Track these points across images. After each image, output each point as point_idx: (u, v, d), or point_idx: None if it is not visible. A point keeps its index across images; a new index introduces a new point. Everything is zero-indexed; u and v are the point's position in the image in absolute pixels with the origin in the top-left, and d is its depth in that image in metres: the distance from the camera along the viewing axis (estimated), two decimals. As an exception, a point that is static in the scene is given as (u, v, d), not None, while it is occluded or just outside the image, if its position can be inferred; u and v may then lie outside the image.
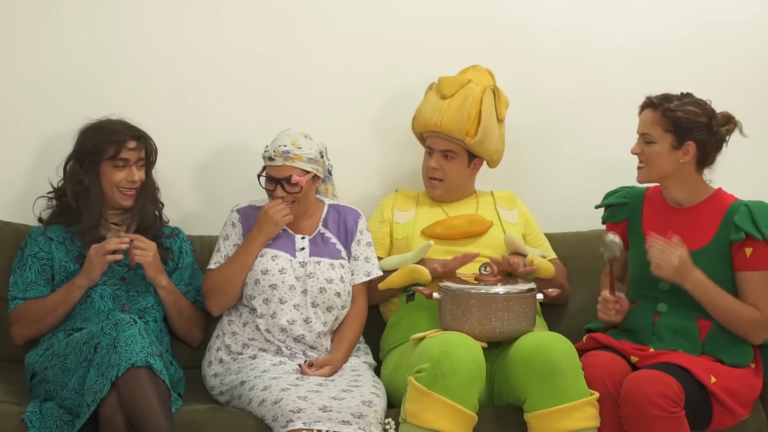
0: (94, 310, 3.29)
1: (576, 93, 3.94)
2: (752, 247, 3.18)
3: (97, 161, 3.33)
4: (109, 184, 3.34)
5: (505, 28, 3.91)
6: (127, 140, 3.33)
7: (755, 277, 3.20)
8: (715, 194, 3.31)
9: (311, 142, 3.38)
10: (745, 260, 3.20)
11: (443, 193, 3.61)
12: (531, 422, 3.07)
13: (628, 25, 3.97)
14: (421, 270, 3.37)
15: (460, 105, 3.53)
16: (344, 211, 3.52)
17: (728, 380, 3.15)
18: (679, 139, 3.23)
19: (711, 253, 3.23)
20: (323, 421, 2.96)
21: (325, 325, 3.37)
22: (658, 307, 3.29)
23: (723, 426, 3.19)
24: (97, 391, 2.94)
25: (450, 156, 3.57)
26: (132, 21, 3.72)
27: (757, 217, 3.18)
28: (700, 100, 3.28)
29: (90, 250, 3.26)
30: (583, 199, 3.60)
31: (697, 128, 3.23)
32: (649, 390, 3.01)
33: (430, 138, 3.60)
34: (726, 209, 3.24)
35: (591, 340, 3.30)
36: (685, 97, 3.27)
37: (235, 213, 3.46)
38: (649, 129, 3.26)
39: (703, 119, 3.24)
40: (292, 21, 3.82)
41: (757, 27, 4.01)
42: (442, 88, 3.58)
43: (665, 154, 3.25)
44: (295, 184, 3.34)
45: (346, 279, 3.41)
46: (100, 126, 3.37)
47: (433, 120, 3.54)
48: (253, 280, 3.35)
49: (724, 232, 3.22)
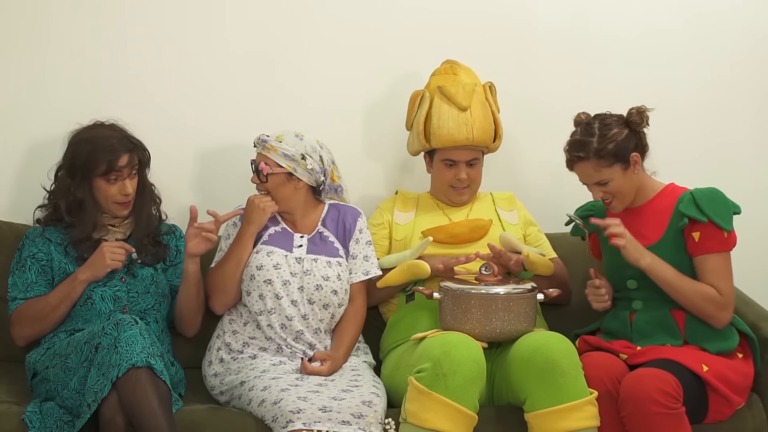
0: (94, 311, 3.29)
1: (575, 93, 3.93)
2: (700, 231, 3.22)
3: (90, 177, 3.30)
4: (104, 198, 3.33)
5: (505, 29, 3.91)
6: (120, 155, 3.29)
7: (708, 261, 3.24)
8: (666, 189, 3.35)
9: (300, 141, 3.38)
10: (695, 245, 3.23)
11: (469, 197, 3.63)
12: (531, 422, 3.07)
13: (627, 25, 3.97)
14: (420, 264, 3.37)
15: (483, 113, 3.53)
16: (344, 210, 3.53)
17: (720, 367, 3.18)
18: (624, 161, 3.27)
19: (666, 245, 3.26)
20: (323, 422, 2.96)
21: (321, 322, 3.38)
22: (633, 305, 3.33)
23: (721, 416, 3.21)
24: (98, 391, 2.94)
25: (474, 163, 3.57)
26: (129, 22, 3.72)
27: (700, 201, 3.21)
28: (605, 118, 3.29)
29: (103, 245, 3.26)
30: (583, 200, 3.59)
31: (628, 142, 3.26)
32: (648, 387, 3.02)
33: (453, 151, 3.54)
34: (676, 201, 3.28)
35: (583, 343, 3.33)
36: (593, 128, 3.27)
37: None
38: (597, 177, 3.28)
39: (625, 131, 3.27)
40: (292, 21, 3.82)
41: (757, 26, 4.01)
42: (457, 99, 3.53)
43: (623, 180, 3.28)
44: (261, 172, 3.36)
45: (343, 277, 3.42)
46: (91, 138, 3.32)
47: (464, 135, 3.50)
48: (248, 276, 3.36)
49: (674, 222, 3.26)
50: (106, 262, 3.26)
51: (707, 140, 4.00)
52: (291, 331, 3.33)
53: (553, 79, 3.94)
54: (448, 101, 3.54)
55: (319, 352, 3.31)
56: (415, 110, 3.61)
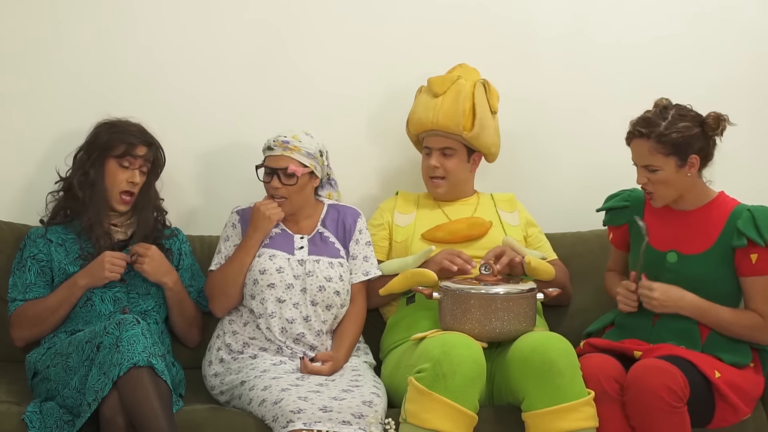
0: (95, 312, 3.30)
1: (576, 94, 3.94)
2: (757, 254, 3.18)
3: (105, 156, 3.34)
4: (111, 182, 3.34)
5: (506, 30, 3.91)
6: (139, 144, 3.36)
7: (760, 282, 3.21)
8: (718, 198, 3.30)
9: (312, 139, 3.40)
10: (750, 266, 3.20)
11: (446, 191, 3.61)
12: (529, 422, 3.06)
13: (627, 26, 3.97)
14: (425, 273, 3.36)
15: (454, 100, 3.54)
16: (344, 210, 3.53)
17: (732, 376, 3.16)
18: (682, 157, 3.21)
19: (713, 257, 3.23)
20: (323, 422, 2.96)
21: (324, 323, 3.38)
22: None
23: (725, 423, 3.19)
24: (99, 390, 2.94)
25: (449, 153, 3.57)
26: (137, 20, 3.73)
27: (759, 222, 3.18)
28: (684, 109, 3.24)
29: (105, 255, 3.27)
30: (583, 200, 3.60)
31: (694, 141, 3.20)
32: (655, 381, 3.01)
33: (427, 138, 3.60)
34: (729, 214, 3.23)
35: (588, 346, 3.30)
36: (667, 113, 3.22)
37: (235, 214, 3.47)
38: (649, 159, 3.22)
39: (696, 130, 3.20)
40: (293, 21, 3.82)
41: (757, 26, 4.01)
42: (433, 87, 3.59)
43: (673, 176, 3.22)
44: (291, 175, 3.35)
45: (345, 278, 3.42)
46: (116, 123, 3.39)
47: (429, 118, 3.55)
48: (251, 280, 3.36)
49: (726, 237, 3.22)
50: (105, 273, 3.26)
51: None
52: (291, 334, 3.33)
53: (553, 81, 3.94)
54: (428, 90, 3.61)
55: (321, 353, 3.31)
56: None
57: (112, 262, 3.27)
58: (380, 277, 3.49)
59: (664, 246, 3.28)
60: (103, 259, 3.27)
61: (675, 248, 3.26)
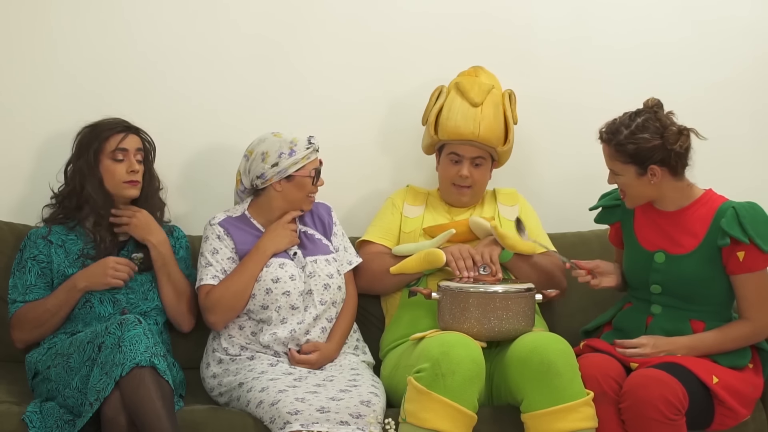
0: (94, 314, 3.30)
1: (576, 93, 3.93)
2: (744, 251, 3.16)
3: (98, 158, 3.33)
4: (111, 180, 3.34)
5: (506, 30, 3.91)
6: (123, 131, 3.35)
7: (751, 280, 3.20)
8: (704, 196, 3.28)
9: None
10: (738, 264, 3.18)
11: (470, 199, 3.61)
12: (528, 423, 3.06)
13: (627, 25, 3.96)
14: (436, 252, 3.36)
15: (494, 114, 3.53)
16: (315, 206, 3.53)
17: (730, 380, 3.15)
18: (640, 167, 3.20)
19: (700, 257, 3.22)
20: (321, 422, 2.97)
21: (330, 321, 3.40)
22: (652, 309, 3.30)
23: (724, 427, 3.19)
24: (101, 390, 2.94)
25: (479, 163, 3.56)
26: (133, 21, 3.73)
27: (744, 219, 3.15)
28: (650, 120, 3.19)
29: (108, 260, 3.27)
30: (583, 200, 3.59)
31: (653, 152, 3.18)
32: (653, 393, 3.01)
33: (459, 146, 3.54)
34: (715, 212, 3.22)
35: (587, 347, 3.30)
36: (634, 121, 3.20)
37: (218, 227, 3.41)
38: (610, 164, 3.25)
39: (655, 142, 3.17)
40: (294, 21, 3.82)
41: (757, 27, 4.00)
42: (471, 95, 3.53)
43: (635, 182, 3.23)
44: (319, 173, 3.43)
45: (340, 271, 3.45)
46: (96, 124, 3.39)
47: (469, 129, 3.50)
48: (263, 289, 3.34)
49: (712, 236, 3.20)
50: (107, 279, 3.26)
51: (707, 141, 3.98)
52: (299, 335, 3.34)
53: (553, 80, 3.94)
54: (462, 96, 3.55)
55: (307, 344, 3.32)
56: (433, 104, 3.61)
57: (115, 267, 3.27)
58: (393, 257, 3.49)
59: (652, 246, 3.28)
60: (107, 264, 3.27)
61: (663, 248, 3.26)
